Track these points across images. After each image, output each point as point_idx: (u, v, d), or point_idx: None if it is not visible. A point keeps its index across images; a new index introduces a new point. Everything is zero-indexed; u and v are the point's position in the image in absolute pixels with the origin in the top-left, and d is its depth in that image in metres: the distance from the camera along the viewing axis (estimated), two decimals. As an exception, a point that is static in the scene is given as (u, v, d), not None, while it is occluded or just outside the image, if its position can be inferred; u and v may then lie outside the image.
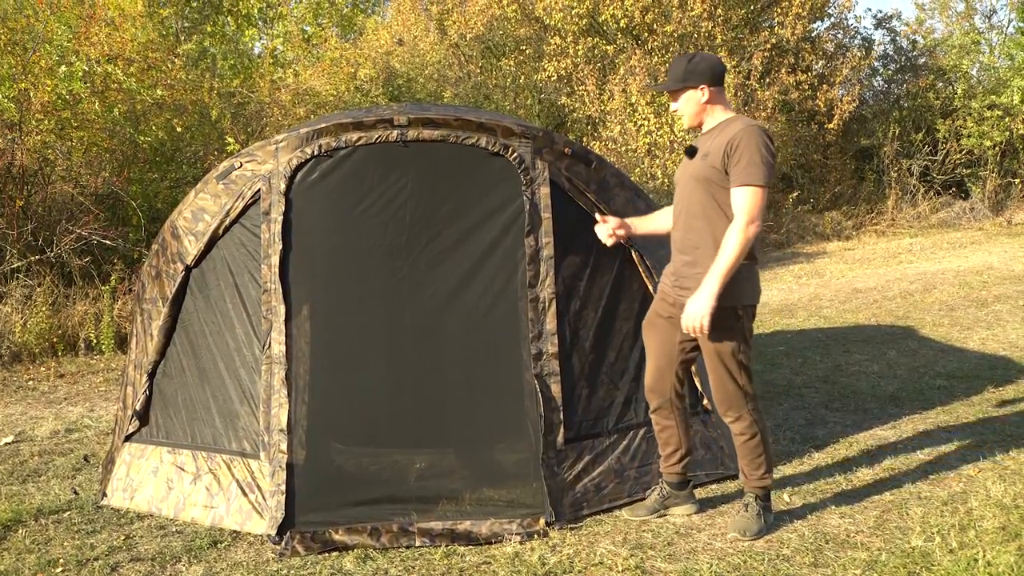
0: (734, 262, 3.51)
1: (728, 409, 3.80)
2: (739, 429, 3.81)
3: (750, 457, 3.82)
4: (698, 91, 3.72)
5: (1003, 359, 6.90)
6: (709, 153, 3.65)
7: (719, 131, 3.70)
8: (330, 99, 12.24)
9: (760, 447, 3.81)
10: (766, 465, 3.84)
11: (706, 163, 3.65)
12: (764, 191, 3.53)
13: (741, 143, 3.54)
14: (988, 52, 18.71)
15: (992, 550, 3.61)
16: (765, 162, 3.52)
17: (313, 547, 3.78)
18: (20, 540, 4.01)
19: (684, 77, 3.71)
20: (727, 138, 3.59)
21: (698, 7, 14.81)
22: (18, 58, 9.06)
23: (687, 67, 3.71)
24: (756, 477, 3.85)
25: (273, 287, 4.06)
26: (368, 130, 4.10)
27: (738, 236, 3.50)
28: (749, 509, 3.86)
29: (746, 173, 3.52)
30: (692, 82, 3.71)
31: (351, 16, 16.38)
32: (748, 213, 3.51)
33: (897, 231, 16.35)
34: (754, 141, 3.53)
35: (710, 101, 3.74)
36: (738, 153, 3.53)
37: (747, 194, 3.52)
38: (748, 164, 3.51)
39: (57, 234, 8.82)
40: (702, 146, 3.74)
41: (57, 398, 6.80)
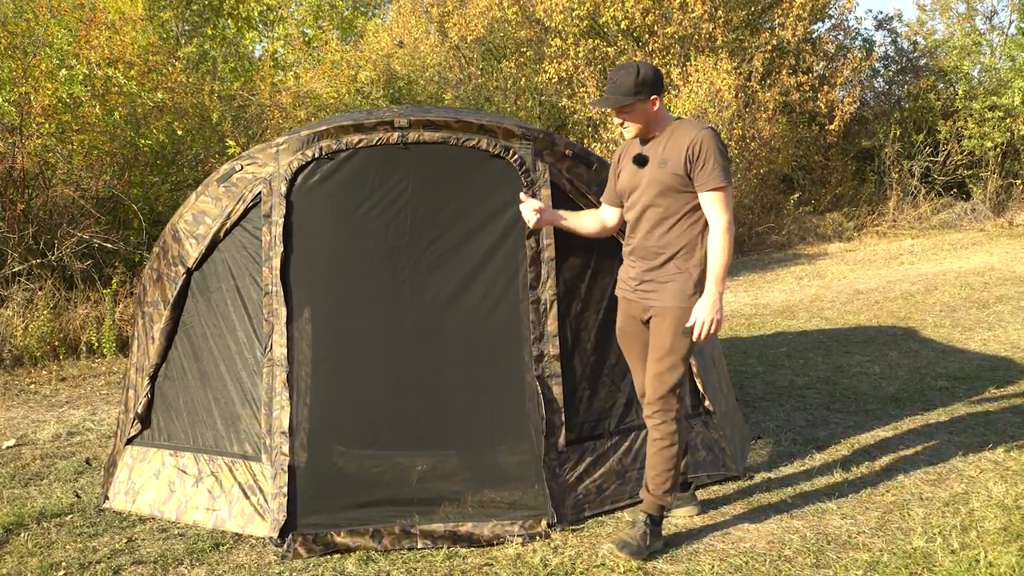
0: (726, 262, 3.58)
1: (658, 410, 3.71)
2: (660, 433, 3.72)
3: (661, 468, 3.72)
4: (648, 102, 3.71)
5: (1004, 360, 6.89)
6: (668, 160, 3.64)
7: (668, 136, 3.69)
8: (331, 101, 12.24)
9: (674, 460, 3.72)
10: (671, 484, 3.74)
11: (666, 170, 3.64)
12: (731, 189, 3.63)
13: (702, 149, 3.58)
14: (989, 53, 18.72)
15: (994, 551, 3.60)
16: (727, 163, 3.62)
17: (315, 549, 3.78)
18: (22, 543, 4.02)
19: (635, 90, 3.67)
20: (684, 144, 3.61)
21: (699, 9, 14.82)
22: (19, 62, 9.07)
23: (636, 80, 3.67)
24: (659, 493, 3.74)
25: (274, 289, 4.06)
26: (369, 132, 4.10)
27: (724, 238, 3.57)
28: (636, 527, 3.73)
29: (713, 177, 3.57)
30: (643, 94, 3.68)
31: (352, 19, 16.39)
32: (725, 215, 3.58)
33: (898, 232, 16.35)
34: (713, 145, 3.58)
35: (657, 111, 3.74)
36: (701, 159, 3.58)
37: (719, 197, 3.59)
38: (713, 168, 3.57)
39: (58, 237, 8.82)
40: (653, 154, 3.71)
41: (59, 401, 6.80)
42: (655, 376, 3.72)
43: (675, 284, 3.66)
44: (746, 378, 6.61)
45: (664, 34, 15.16)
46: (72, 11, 10.01)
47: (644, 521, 3.73)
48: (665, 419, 3.71)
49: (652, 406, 3.74)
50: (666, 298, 3.68)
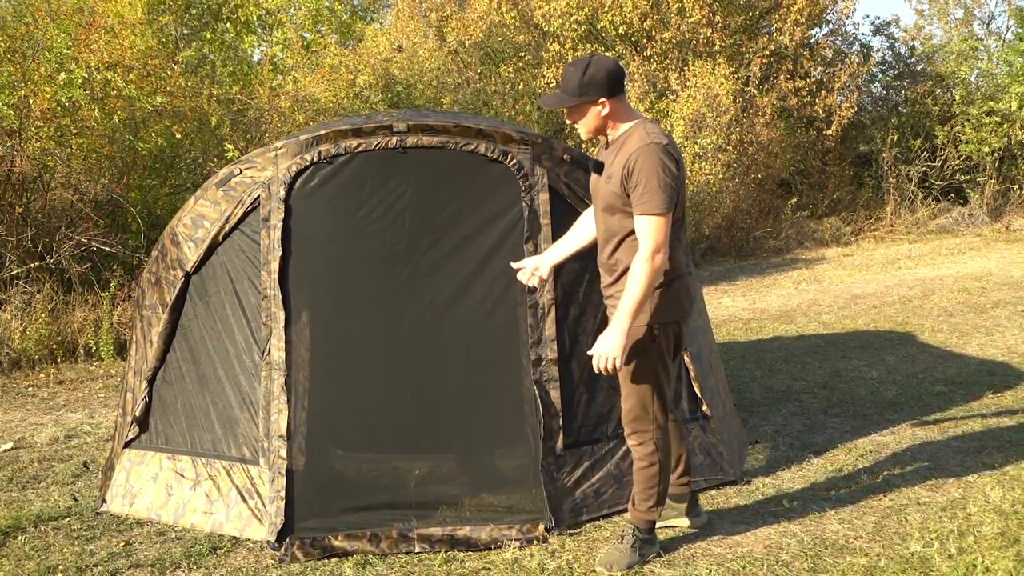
0: (643, 296, 3.31)
1: (633, 432, 3.60)
2: (639, 454, 3.61)
3: (644, 486, 3.62)
4: (597, 105, 3.43)
5: (1002, 365, 6.90)
6: (612, 176, 3.43)
7: (619, 146, 3.46)
8: (329, 106, 12.24)
9: (656, 478, 3.61)
10: (657, 498, 3.65)
11: (609, 187, 3.44)
12: (666, 218, 3.30)
13: (636, 167, 3.31)
14: (986, 58, 18.76)
15: (991, 556, 3.61)
16: (664, 186, 3.29)
17: (313, 553, 3.78)
18: (20, 546, 4.01)
19: (581, 90, 3.39)
20: (624, 159, 3.37)
21: (697, 14, 14.85)
22: (18, 65, 9.08)
23: (583, 79, 3.38)
24: (644, 509, 3.66)
25: (273, 293, 4.06)
26: (367, 137, 4.11)
27: (643, 268, 3.29)
28: (624, 541, 3.66)
29: (644, 201, 3.30)
30: (590, 95, 3.40)
31: (350, 23, 16.43)
32: (652, 243, 3.29)
33: (896, 237, 16.37)
34: (650, 164, 3.29)
35: (611, 115, 3.46)
36: (634, 178, 3.32)
37: (647, 224, 3.30)
38: (644, 191, 3.29)
39: (56, 241, 8.82)
40: (607, 163, 3.51)
41: (56, 404, 6.79)
42: (623, 398, 3.62)
43: None
44: (744, 382, 6.62)
45: (662, 39, 15.18)
46: (71, 15, 10.02)
47: (632, 532, 3.68)
48: (642, 440, 3.59)
49: (627, 427, 3.63)
50: None
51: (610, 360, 3.35)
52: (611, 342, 3.34)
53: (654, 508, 3.67)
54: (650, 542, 3.72)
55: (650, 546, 3.72)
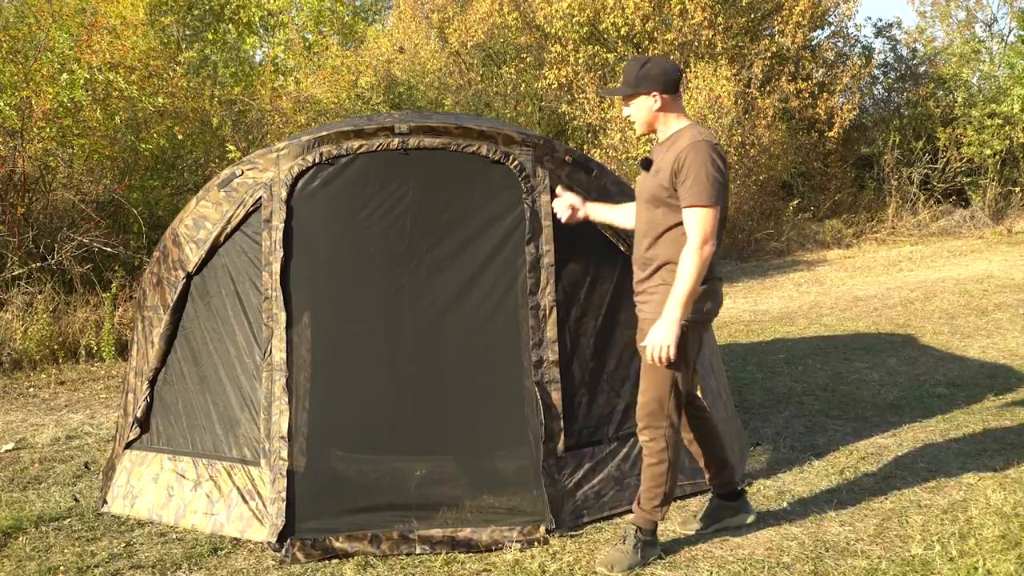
0: (692, 286, 3.39)
1: (646, 426, 3.62)
2: (651, 450, 3.62)
3: (651, 484, 3.63)
4: (650, 98, 3.58)
5: (1003, 367, 6.90)
6: (660, 170, 3.53)
7: (670, 144, 3.57)
8: (331, 107, 12.26)
9: (664, 476, 3.62)
10: (662, 498, 3.65)
11: (656, 181, 3.53)
12: (714, 210, 3.40)
13: (687, 161, 3.41)
14: (988, 61, 18.75)
15: (992, 559, 3.61)
16: (712, 180, 3.40)
17: (313, 554, 3.78)
18: (21, 547, 4.02)
19: (636, 82, 3.57)
20: (675, 154, 3.47)
21: (699, 15, 14.85)
22: (20, 66, 9.10)
23: (639, 72, 3.57)
24: (649, 508, 3.66)
25: (274, 294, 4.06)
26: (369, 138, 4.11)
27: (693, 259, 3.38)
28: (627, 542, 3.65)
29: (692, 194, 3.39)
30: (644, 88, 3.57)
31: (352, 24, 16.43)
32: (700, 235, 3.38)
33: (897, 239, 16.37)
34: (699, 159, 3.40)
35: (663, 109, 3.59)
36: (684, 172, 3.41)
37: (696, 216, 3.40)
38: (694, 184, 3.39)
39: (58, 241, 8.83)
40: (656, 159, 3.62)
41: (58, 405, 6.80)
42: (640, 391, 3.64)
43: (659, 296, 3.53)
44: (745, 384, 6.62)
45: (664, 40, 15.18)
46: (73, 16, 10.04)
47: (634, 534, 3.67)
48: (653, 436, 3.61)
49: (640, 421, 3.64)
50: (649, 310, 3.60)
51: (664, 349, 3.41)
52: (665, 331, 3.41)
53: (659, 508, 3.67)
54: (652, 544, 3.71)
55: (652, 548, 3.71)
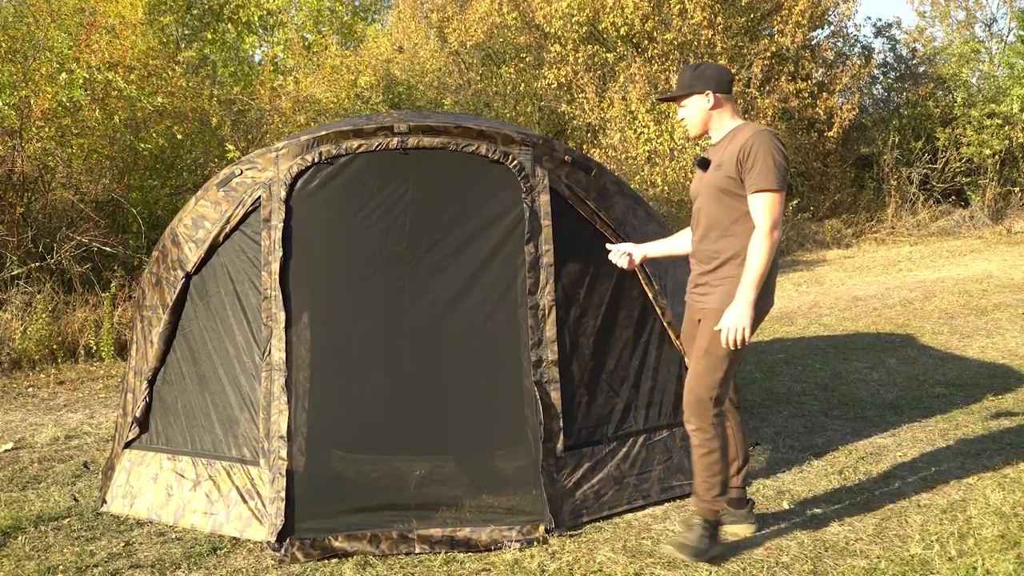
0: (764, 268, 3.47)
1: (692, 415, 3.65)
2: (698, 440, 3.65)
3: (706, 474, 3.64)
4: (704, 97, 3.72)
5: (1002, 367, 6.90)
6: (722, 163, 3.62)
7: (729, 140, 3.67)
8: (330, 106, 12.26)
9: (717, 465, 3.63)
10: (720, 487, 3.65)
11: (720, 174, 3.62)
12: (780, 195, 3.51)
13: (752, 149, 3.52)
14: (988, 61, 18.77)
15: (991, 558, 3.61)
16: (778, 166, 3.50)
17: (313, 554, 3.78)
18: (20, 547, 4.01)
19: (690, 83, 3.73)
20: (738, 146, 3.57)
21: (698, 15, 14.86)
22: (19, 65, 9.09)
23: (693, 74, 3.73)
24: (709, 499, 3.66)
25: (273, 294, 4.06)
26: (368, 137, 4.11)
27: (763, 242, 3.47)
28: (692, 530, 3.65)
29: (760, 179, 3.49)
30: (698, 88, 3.71)
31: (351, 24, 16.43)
32: (769, 219, 3.48)
33: (897, 239, 16.37)
34: (765, 146, 3.51)
35: (716, 108, 3.72)
36: (751, 160, 3.51)
37: (764, 200, 3.49)
38: (762, 170, 3.49)
39: (57, 241, 8.83)
40: (714, 157, 3.71)
41: (57, 405, 6.80)
42: (689, 379, 3.68)
43: (724, 288, 3.61)
44: (744, 384, 6.62)
45: (663, 40, 15.19)
46: (72, 15, 10.04)
47: (700, 524, 3.65)
48: (700, 425, 3.63)
49: (687, 410, 3.67)
50: (713, 301, 3.64)
51: (739, 331, 3.47)
52: (739, 313, 3.47)
53: (719, 497, 3.66)
54: (715, 536, 3.69)
55: (717, 542, 3.69)
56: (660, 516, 4.17)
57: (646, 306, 4.42)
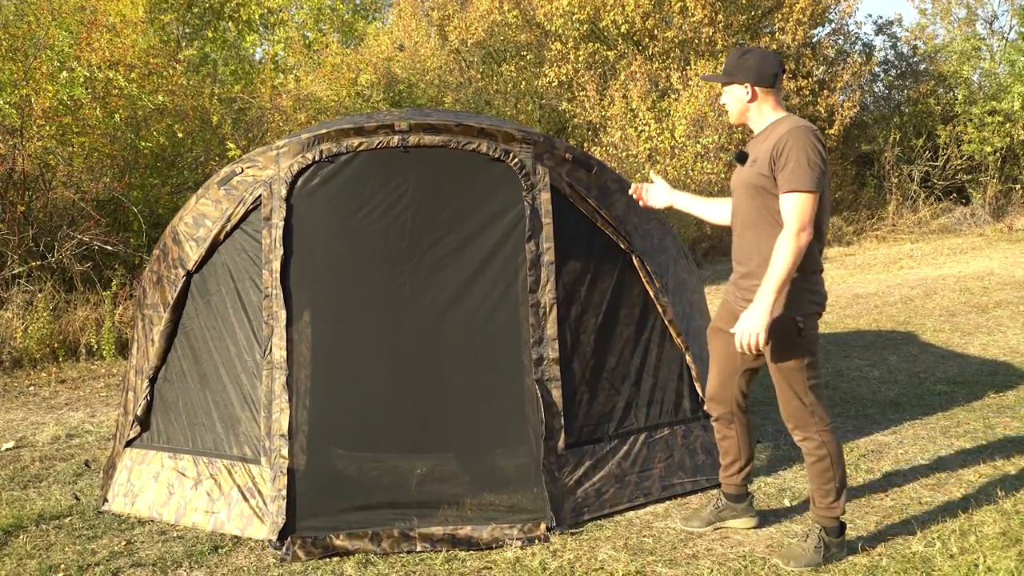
0: (787, 273, 3.29)
1: (795, 427, 3.57)
2: (808, 449, 3.56)
3: (819, 482, 3.57)
4: (743, 88, 3.53)
5: (1004, 365, 6.89)
6: (757, 159, 3.47)
7: (767, 135, 3.50)
8: (331, 105, 12.26)
9: (830, 471, 3.54)
10: (836, 493, 3.56)
11: (754, 170, 3.47)
12: (813, 196, 3.30)
13: (787, 146, 3.34)
14: (989, 58, 18.74)
15: (992, 555, 3.60)
16: (813, 165, 3.31)
17: (314, 552, 3.78)
18: (21, 545, 4.02)
19: (732, 71, 3.54)
20: (773, 142, 3.41)
21: (699, 13, 14.84)
22: (19, 64, 9.09)
23: (736, 62, 3.54)
24: (824, 505, 3.59)
25: (274, 292, 4.06)
26: (369, 136, 4.11)
27: (788, 245, 3.27)
28: (808, 540, 3.61)
29: (792, 178, 3.31)
30: (739, 78, 3.53)
31: (352, 22, 16.42)
32: (798, 221, 3.28)
33: (898, 237, 16.36)
34: (800, 144, 3.33)
35: (754, 100, 3.54)
36: (784, 157, 3.34)
37: (795, 201, 3.30)
38: (795, 168, 3.30)
39: (58, 239, 8.83)
40: (752, 151, 3.56)
41: (58, 403, 6.80)
42: (779, 393, 3.57)
43: None
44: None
45: (664, 38, 15.18)
46: (73, 14, 10.03)
47: (818, 533, 3.60)
48: (805, 435, 3.55)
49: (788, 423, 3.59)
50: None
51: (754, 336, 3.32)
52: (756, 319, 3.31)
53: (836, 503, 3.58)
54: (839, 545, 3.63)
55: (839, 549, 3.63)
56: (661, 514, 4.17)
57: (647, 304, 4.41)
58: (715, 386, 3.86)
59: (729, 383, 3.82)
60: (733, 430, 3.90)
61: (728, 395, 3.83)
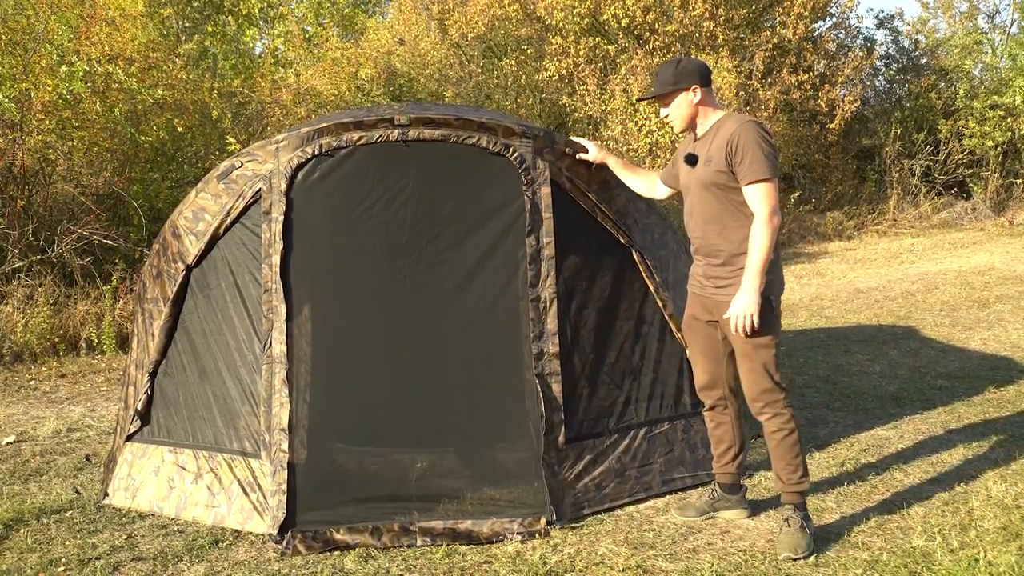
0: (767, 256, 3.52)
1: (764, 406, 3.72)
2: (775, 426, 3.72)
3: (787, 458, 3.72)
4: (690, 92, 3.75)
5: (1004, 359, 6.89)
6: (712, 158, 3.66)
7: (714, 133, 3.72)
8: (331, 99, 12.24)
9: (797, 446, 3.72)
10: (803, 467, 3.73)
11: (711, 168, 3.66)
12: (774, 182, 3.56)
13: (740, 141, 3.56)
14: (991, 52, 18.70)
15: (993, 550, 3.60)
16: (768, 155, 3.55)
17: (314, 546, 3.78)
18: (22, 539, 4.02)
19: (675, 80, 3.74)
20: (724, 139, 3.62)
21: (700, 7, 14.81)
22: (19, 58, 9.08)
23: (676, 70, 3.74)
24: (794, 481, 3.72)
25: (274, 287, 4.06)
26: (369, 130, 4.10)
27: (763, 230, 3.51)
28: (791, 523, 3.70)
29: (753, 169, 3.54)
30: (683, 83, 3.73)
31: (352, 16, 16.40)
32: (767, 207, 3.52)
33: (899, 231, 16.34)
34: (751, 137, 3.55)
35: (702, 102, 3.76)
36: (740, 152, 3.56)
37: (760, 190, 3.54)
38: (752, 160, 3.54)
39: (58, 234, 8.82)
40: (701, 152, 3.75)
41: (59, 398, 6.80)
42: (747, 375, 3.73)
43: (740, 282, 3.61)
44: (746, 377, 6.60)
45: (665, 32, 15.14)
46: (72, 7, 10.01)
47: (794, 514, 3.73)
48: (774, 411, 3.71)
49: (757, 403, 3.73)
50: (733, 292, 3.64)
51: (748, 319, 3.53)
52: (746, 300, 3.53)
53: (804, 477, 3.74)
54: (807, 518, 3.77)
55: (809, 522, 3.76)
56: (662, 508, 4.17)
57: (647, 299, 4.41)
58: (705, 375, 3.98)
59: (718, 371, 3.95)
60: (727, 415, 4.00)
61: (720, 380, 3.96)
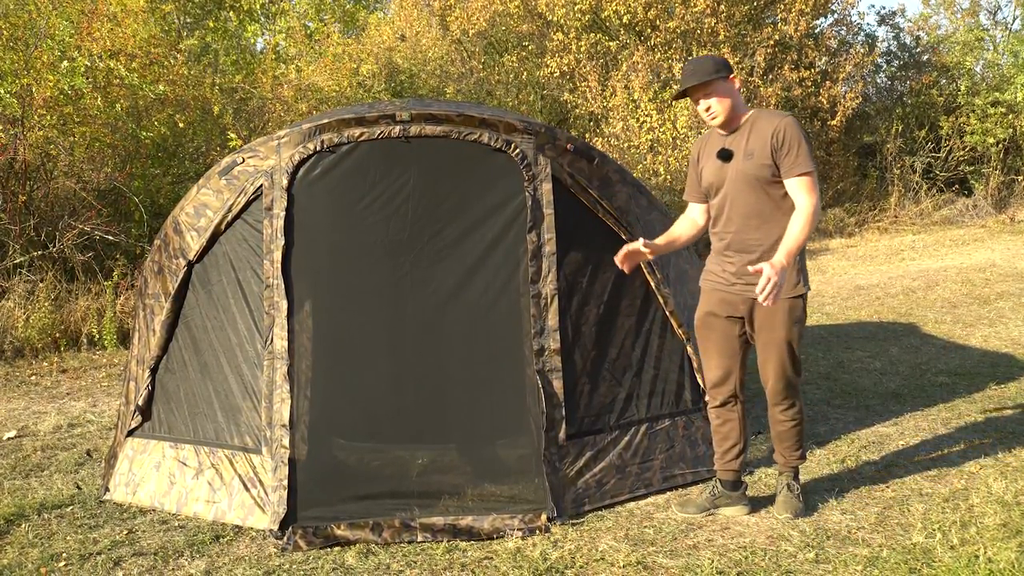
0: (803, 242, 3.62)
1: (784, 398, 3.94)
2: (790, 416, 3.97)
3: (793, 440, 4.01)
4: (729, 81, 3.77)
5: (1005, 356, 6.89)
6: (754, 151, 3.72)
7: (750, 128, 3.77)
8: (332, 95, 12.23)
9: (802, 433, 4.04)
10: (804, 447, 4.08)
11: (754, 162, 3.71)
12: (815, 177, 3.71)
13: (787, 135, 3.66)
14: (992, 49, 18.68)
15: (993, 547, 3.61)
16: (810, 150, 3.71)
17: (315, 542, 3.78)
18: (23, 534, 4.02)
19: (715, 68, 3.75)
20: (767, 134, 3.69)
21: (701, 3, 14.79)
22: (20, 53, 9.07)
23: (706, 64, 3.75)
24: (797, 455, 4.05)
25: (275, 283, 4.06)
26: (370, 126, 4.10)
27: (807, 218, 3.61)
28: (792, 490, 4.04)
29: (800, 162, 3.66)
30: (724, 72, 3.75)
31: (353, 12, 16.39)
32: (814, 196, 3.65)
33: (900, 228, 16.34)
34: (797, 131, 3.67)
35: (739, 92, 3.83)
36: (787, 145, 3.66)
37: (806, 182, 3.66)
38: (799, 153, 3.66)
39: (59, 229, 8.83)
40: (737, 146, 3.78)
41: (59, 393, 6.80)
42: (778, 368, 3.90)
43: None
44: (747, 373, 6.60)
45: (666, 29, 15.12)
46: (74, 3, 10.01)
47: (795, 481, 4.08)
48: (792, 402, 3.96)
49: (779, 394, 3.94)
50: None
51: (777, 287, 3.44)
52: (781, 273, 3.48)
53: (804, 454, 4.09)
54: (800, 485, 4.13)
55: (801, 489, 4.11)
56: (662, 505, 4.17)
57: (648, 295, 4.41)
58: (719, 371, 4.03)
59: (733, 365, 4.03)
60: (735, 412, 4.06)
61: (733, 377, 4.03)
